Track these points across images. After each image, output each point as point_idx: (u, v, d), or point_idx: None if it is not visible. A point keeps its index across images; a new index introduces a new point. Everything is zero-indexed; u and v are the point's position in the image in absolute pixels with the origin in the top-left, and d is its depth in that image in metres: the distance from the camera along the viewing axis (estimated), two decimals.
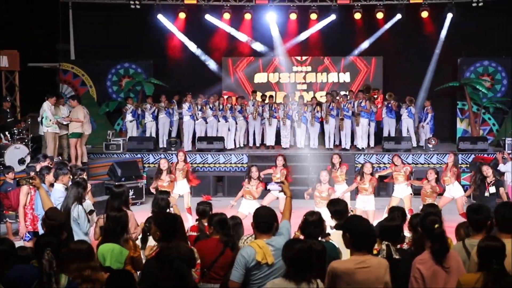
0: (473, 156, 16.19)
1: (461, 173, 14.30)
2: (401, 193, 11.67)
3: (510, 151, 13.50)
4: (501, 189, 10.55)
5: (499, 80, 19.71)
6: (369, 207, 10.99)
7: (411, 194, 11.67)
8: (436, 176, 10.94)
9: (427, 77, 19.89)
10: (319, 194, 10.43)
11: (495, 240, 4.41)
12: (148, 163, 16.84)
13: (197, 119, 17.78)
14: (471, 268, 4.76)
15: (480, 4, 19.23)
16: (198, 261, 5.65)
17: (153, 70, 20.46)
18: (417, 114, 18.38)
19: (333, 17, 20.05)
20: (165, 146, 17.82)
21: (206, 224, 6.64)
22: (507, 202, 6.38)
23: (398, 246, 5.36)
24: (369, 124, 17.66)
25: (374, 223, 6.31)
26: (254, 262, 4.79)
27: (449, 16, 19.57)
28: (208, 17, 20.07)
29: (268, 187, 5.88)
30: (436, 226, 4.67)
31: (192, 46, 20.45)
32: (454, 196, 11.58)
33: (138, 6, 19.78)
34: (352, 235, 4.58)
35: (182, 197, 12.15)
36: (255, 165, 11.33)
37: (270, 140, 17.99)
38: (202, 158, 16.93)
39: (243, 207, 10.84)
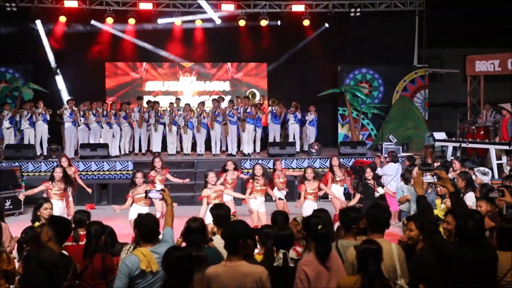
0: (353, 160, 16.84)
1: None
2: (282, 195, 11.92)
3: (386, 155, 14.15)
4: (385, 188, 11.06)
5: (376, 87, 20.73)
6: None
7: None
8: (315, 174, 11.18)
9: (309, 83, 20.54)
10: (213, 194, 10.33)
11: (372, 243, 4.59)
12: (27, 172, 16.06)
13: (79, 126, 17.24)
14: (345, 267, 4.96)
15: (358, 14, 20.15)
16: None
17: (33, 75, 19.62)
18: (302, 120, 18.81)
19: (218, 23, 20.20)
20: (45, 153, 17.10)
21: (81, 233, 6.49)
22: (377, 203, 6.67)
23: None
24: (255, 130, 17.91)
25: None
26: (138, 271, 4.73)
27: (328, 25, 20.33)
28: (93, 22, 19.66)
29: (149, 195, 5.78)
30: (319, 227, 4.81)
31: (74, 51, 19.86)
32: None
33: (14, 9, 18.89)
34: (226, 240, 4.65)
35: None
36: (140, 171, 11.04)
37: (156, 147, 17.78)
38: (85, 166, 16.40)
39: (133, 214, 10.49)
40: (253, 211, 11.05)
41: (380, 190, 10.75)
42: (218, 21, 20.15)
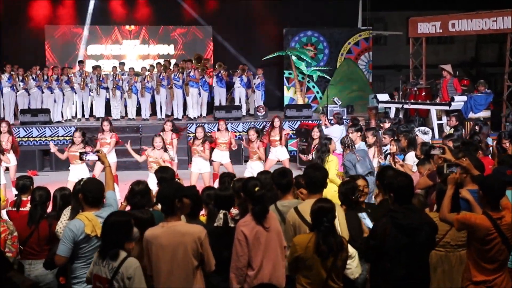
0: (298, 122, 16.95)
1: (288, 139, 14.95)
2: (221, 158, 11.92)
3: (332, 118, 14.29)
4: None
5: (321, 49, 20.80)
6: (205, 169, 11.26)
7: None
8: (257, 134, 11.26)
9: (255, 46, 20.47)
10: (151, 159, 10.35)
11: (326, 202, 4.71)
12: None
13: (18, 91, 16.73)
14: (287, 228, 5.04)
15: None
16: (15, 234, 5.54)
17: None
18: (252, 83, 18.65)
19: None
20: None
21: (25, 199, 6.35)
22: (314, 163, 6.74)
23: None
24: (199, 94, 17.77)
25: None
26: (83, 235, 4.72)
27: None
28: None
29: (84, 157, 5.66)
30: (257, 189, 4.85)
31: (12, 14, 19.16)
32: (280, 158, 12.03)
33: None
34: (161, 202, 4.66)
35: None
36: (79, 130, 10.99)
37: (99, 112, 17.46)
38: (26, 132, 16.01)
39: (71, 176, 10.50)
40: (193, 173, 11.17)
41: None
42: None
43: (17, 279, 4.16)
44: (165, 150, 10.47)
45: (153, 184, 6.88)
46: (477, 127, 11.11)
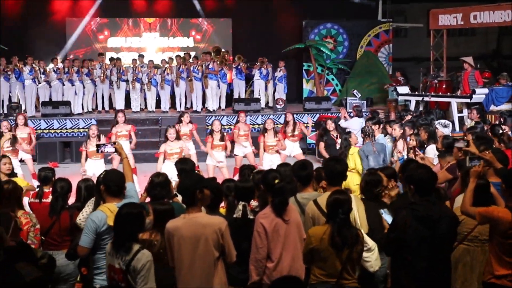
0: (318, 115, 16.89)
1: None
2: (243, 151, 11.97)
3: (351, 110, 14.24)
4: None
5: (341, 42, 20.68)
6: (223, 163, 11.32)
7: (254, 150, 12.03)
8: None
9: (274, 39, 20.40)
10: (169, 151, 10.37)
11: (342, 194, 4.71)
12: None
13: (40, 83, 16.87)
14: (305, 220, 5.03)
15: None
16: (38, 226, 5.57)
17: None
18: (270, 75, 18.59)
19: None
20: (5, 111, 16.71)
21: (47, 190, 6.41)
22: (334, 156, 6.71)
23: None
24: (218, 86, 17.77)
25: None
26: (105, 227, 4.74)
27: None
28: None
29: (101, 149, 5.67)
30: (276, 181, 4.84)
31: (34, 7, 19.30)
32: (292, 153, 11.99)
33: None
34: (182, 193, 4.67)
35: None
36: (95, 124, 11.17)
37: (119, 104, 17.55)
38: (47, 124, 16.16)
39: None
40: (210, 166, 11.24)
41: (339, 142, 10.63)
42: None
43: (25, 271, 4.18)
44: (179, 139, 10.49)
45: (168, 171, 6.93)
46: (501, 119, 11.03)
